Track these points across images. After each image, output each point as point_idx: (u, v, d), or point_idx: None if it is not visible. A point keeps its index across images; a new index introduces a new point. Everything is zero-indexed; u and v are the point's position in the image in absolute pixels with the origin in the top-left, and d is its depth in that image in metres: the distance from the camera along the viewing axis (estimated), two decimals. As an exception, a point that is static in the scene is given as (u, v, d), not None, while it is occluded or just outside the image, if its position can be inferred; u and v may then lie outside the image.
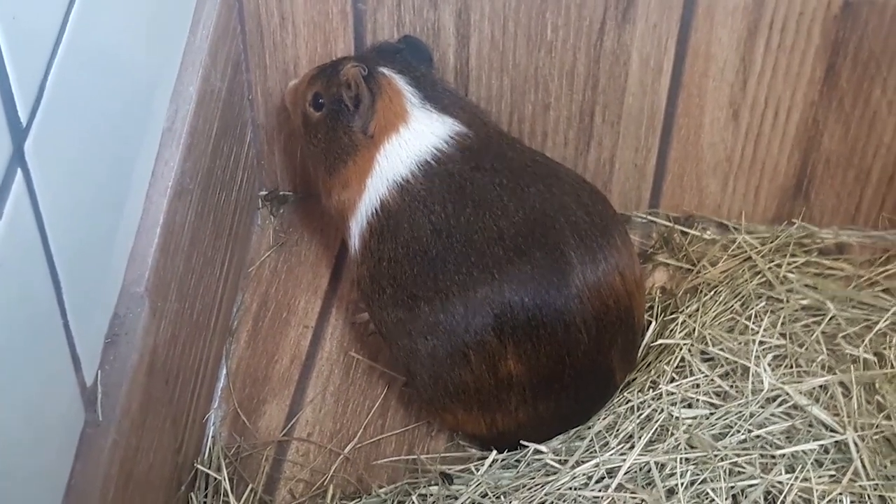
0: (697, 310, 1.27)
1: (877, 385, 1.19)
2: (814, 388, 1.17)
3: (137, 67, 1.04)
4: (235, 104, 1.30)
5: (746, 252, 1.36)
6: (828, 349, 1.22)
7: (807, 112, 1.31)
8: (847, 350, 1.22)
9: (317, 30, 1.30)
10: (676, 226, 1.40)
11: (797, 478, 1.10)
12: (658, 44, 1.27)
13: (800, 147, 1.34)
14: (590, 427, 1.18)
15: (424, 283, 1.13)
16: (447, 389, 1.15)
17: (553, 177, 1.16)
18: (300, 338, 1.33)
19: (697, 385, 1.19)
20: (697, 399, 1.17)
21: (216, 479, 1.19)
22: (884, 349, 1.24)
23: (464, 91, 1.32)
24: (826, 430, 1.14)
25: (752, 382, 1.17)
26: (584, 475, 1.13)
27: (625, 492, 1.11)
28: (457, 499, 1.15)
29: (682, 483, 1.11)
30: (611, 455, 1.14)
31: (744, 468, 1.12)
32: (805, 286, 1.30)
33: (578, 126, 1.35)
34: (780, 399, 1.16)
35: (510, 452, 1.19)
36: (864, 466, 1.11)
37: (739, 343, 1.21)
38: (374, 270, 1.17)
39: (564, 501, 1.11)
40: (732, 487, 1.11)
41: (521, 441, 1.17)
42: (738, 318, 1.25)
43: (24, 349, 0.81)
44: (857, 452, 1.12)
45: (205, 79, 1.17)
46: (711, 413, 1.16)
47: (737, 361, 1.20)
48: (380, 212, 1.17)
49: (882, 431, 1.14)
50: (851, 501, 1.09)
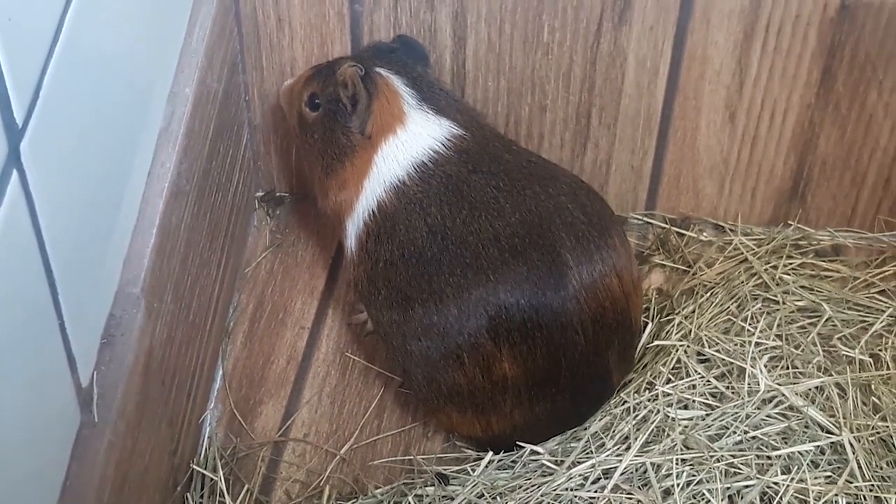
0: (694, 311, 1.27)
1: (872, 386, 1.19)
2: (810, 390, 1.17)
3: (134, 69, 1.04)
4: (232, 105, 1.30)
5: (743, 254, 1.36)
6: (824, 351, 1.23)
7: (803, 115, 1.31)
8: (843, 351, 1.23)
9: (313, 31, 1.30)
10: (673, 227, 1.40)
11: (793, 479, 1.10)
12: (654, 46, 1.28)
13: (796, 149, 1.34)
14: (586, 428, 1.18)
15: (419, 285, 1.13)
16: (441, 391, 1.15)
17: (550, 178, 1.16)
18: (296, 339, 1.33)
19: (694, 386, 1.19)
20: (693, 400, 1.18)
21: (212, 480, 1.19)
22: (879, 351, 1.25)
23: (460, 93, 1.32)
24: (822, 432, 1.14)
25: (749, 384, 1.17)
26: (581, 476, 1.13)
27: (621, 493, 1.11)
28: (453, 499, 1.15)
29: (679, 484, 1.11)
30: (607, 456, 1.14)
31: (740, 469, 1.12)
32: (801, 288, 1.30)
33: (575, 128, 1.35)
34: (777, 400, 1.16)
35: (506, 453, 1.19)
36: (860, 467, 1.11)
37: (735, 344, 1.22)
38: (371, 272, 1.17)
39: (560, 502, 1.11)
40: (728, 488, 1.11)
41: (518, 442, 1.17)
42: (735, 320, 1.26)
43: (20, 350, 0.81)
44: (853, 453, 1.12)
45: (201, 80, 1.17)
46: (707, 414, 1.16)
47: (733, 363, 1.20)
48: (377, 213, 1.17)
49: (878, 433, 1.15)
50: (847, 502, 1.10)
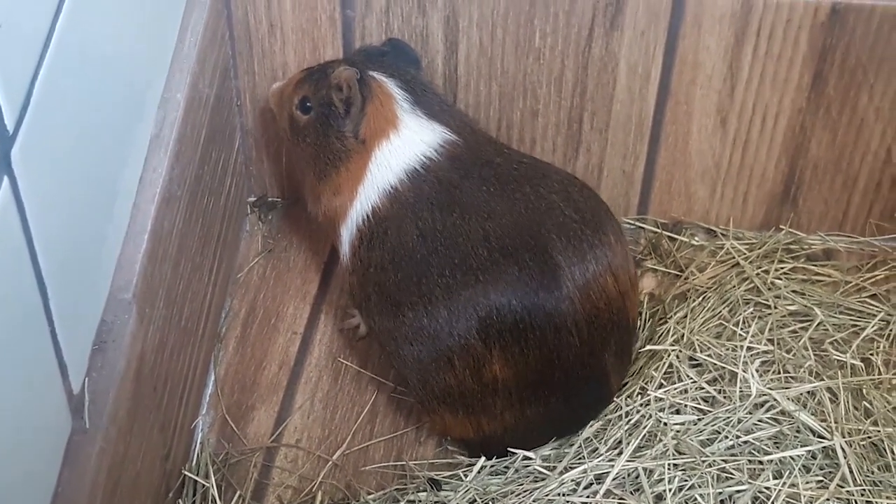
0: (685, 316, 1.27)
1: (864, 391, 1.19)
2: (801, 394, 1.18)
3: (125, 74, 1.04)
4: (224, 110, 1.30)
5: (734, 258, 1.36)
6: (815, 355, 1.23)
7: (794, 119, 1.32)
8: (834, 356, 1.23)
9: (305, 36, 1.30)
10: (664, 232, 1.41)
11: (785, 483, 1.10)
12: (646, 51, 1.28)
13: (787, 154, 1.35)
14: (578, 433, 1.18)
15: (408, 289, 1.13)
16: (434, 393, 1.15)
17: (541, 177, 1.16)
18: (289, 344, 1.33)
19: (685, 391, 1.19)
20: (685, 405, 1.18)
21: (204, 486, 1.19)
22: (871, 355, 1.25)
23: (452, 97, 1.32)
24: (813, 436, 1.15)
25: (740, 388, 1.17)
26: (573, 481, 1.13)
27: (613, 498, 1.11)
28: (445, 505, 1.15)
29: (671, 489, 1.11)
30: (599, 461, 1.14)
31: (732, 474, 1.12)
32: (793, 292, 1.30)
33: (567, 133, 1.35)
34: (768, 405, 1.17)
35: (499, 459, 1.19)
36: (852, 472, 1.11)
37: (727, 349, 1.22)
38: (362, 278, 1.17)
39: (553, 508, 1.12)
40: (720, 493, 1.11)
41: (510, 448, 1.17)
42: (726, 324, 1.26)
43: (11, 356, 0.81)
44: (845, 458, 1.12)
45: (193, 85, 1.16)
46: (699, 419, 1.16)
47: (725, 367, 1.20)
48: (370, 218, 1.16)
49: (869, 437, 1.15)
50: (839, 507, 1.10)
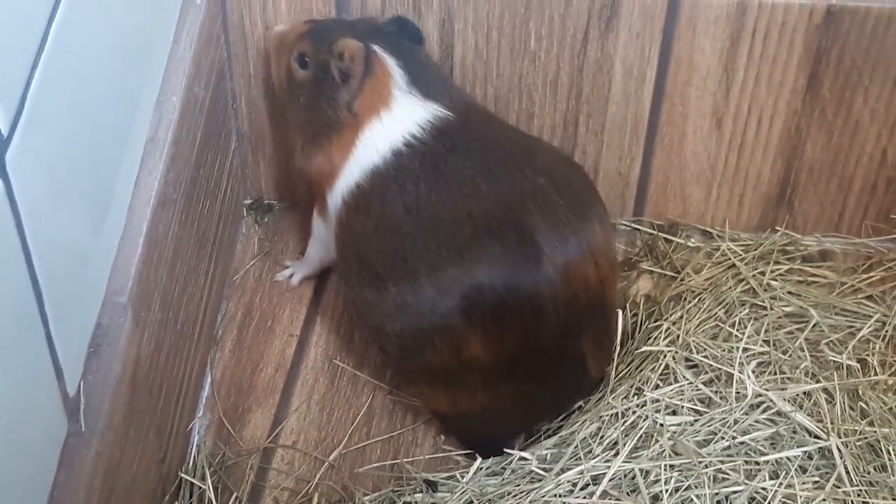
0: (682, 317, 1.27)
1: (860, 391, 1.19)
2: (797, 395, 1.18)
3: (120, 77, 1.04)
4: (219, 113, 1.30)
5: (730, 259, 1.36)
6: (811, 356, 1.23)
7: (789, 121, 1.32)
8: (830, 357, 1.23)
9: (301, 39, 1.30)
10: (660, 233, 1.41)
11: (781, 484, 1.11)
12: (641, 53, 1.28)
13: (783, 155, 1.35)
14: (574, 434, 1.18)
15: (392, 264, 1.12)
16: (413, 367, 1.15)
17: (530, 157, 1.15)
18: (285, 346, 1.33)
19: (682, 392, 1.19)
20: (682, 406, 1.18)
21: (201, 489, 1.19)
22: (867, 356, 1.25)
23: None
24: (810, 437, 1.15)
25: (737, 389, 1.17)
26: (569, 482, 1.13)
27: (610, 499, 1.11)
28: (442, 507, 1.15)
29: (667, 490, 1.11)
30: (595, 462, 1.14)
31: (728, 475, 1.12)
32: (788, 293, 1.30)
33: (562, 135, 1.35)
34: (764, 406, 1.17)
35: (495, 459, 1.19)
36: (848, 472, 1.11)
37: (723, 350, 1.22)
38: (345, 248, 1.17)
39: (549, 509, 1.12)
40: (717, 494, 1.11)
41: (499, 437, 1.17)
42: (722, 326, 1.26)
43: (6, 359, 0.81)
44: (841, 459, 1.12)
45: (188, 88, 1.17)
46: (696, 420, 1.16)
47: (721, 368, 1.20)
48: (355, 190, 1.16)
49: (865, 438, 1.15)
50: (835, 508, 1.10)
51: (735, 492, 1.11)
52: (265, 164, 1.42)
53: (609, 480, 1.12)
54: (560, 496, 1.12)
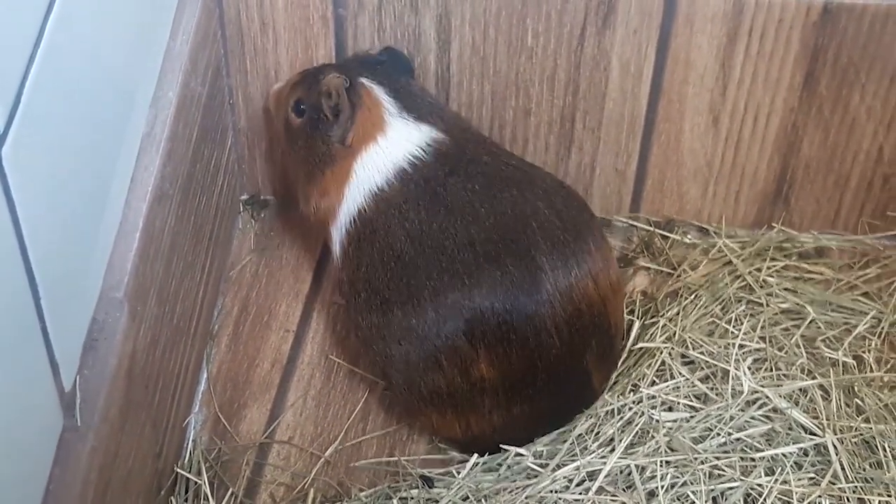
0: (678, 313, 1.28)
1: (856, 388, 1.20)
2: (793, 392, 1.18)
3: (117, 73, 1.04)
4: (216, 109, 1.30)
5: (727, 256, 1.36)
6: (807, 352, 1.23)
7: (786, 118, 1.32)
8: (826, 353, 1.23)
9: (297, 35, 1.30)
10: (657, 230, 1.41)
11: (777, 480, 1.11)
12: (638, 50, 1.28)
13: (779, 152, 1.35)
14: (571, 430, 1.19)
15: (398, 289, 1.14)
16: (421, 394, 1.15)
17: (527, 181, 1.17)
18: (281, 342, 1.33)
19: (678, 388, 1.19)
20: (678, 402, 1.18)
21: (196, 484, 1.19)
22: (863, 352, 1.25)
23: (444, 97, 1.32)
24: (805, 433, 1.15)
25: (732, 386, 1.18)
26: (565, 478, 1.14)
27: (605, 495, 1.12)
28: (437, 502, 1.15)
29: (663, 486, 1.11)
30: (591, 458, 1.14)
31: (724, 471, 1.12)
32: (785, 290, 1.30)
33: (559, 131, 1.35)
34: (760, 402, 1.17)
35: (491, 455, 1.19)
36: (844, 469, 1.11)
37: (719, 346, 1.22)
38: (353, 276, 1.18)
39: (545, 505, 1.12)
40: (712, 490, 1.11)
41: (501, 444, 1.17)
42: (719, 322, 1.26)
43: (2, 354, 0.81)
44: (837, 455, 1.12)
45: (185, 84, 1.16)
46: (692, 416, 1.17)
47: (717, 365, 1.20)
48: (357, 219, 1.18)
49: (861, 434, 1.15)
50: (830, 504, 1.10)
51: (731, 488, 1.11)
52: (262, 160, 1.42)
53: (605, 476, 1.12)
54: (556, 492, 1.12)
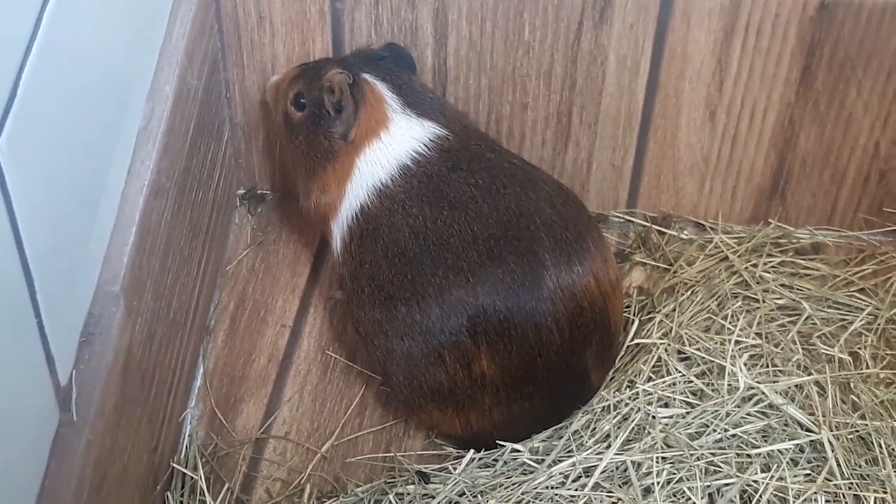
0: (674, 309, 1.28)
1: (852, 384, 1.20)
2: (789, 388, 1.18)
3: (113, 66, 1.03)
4: (213, 103, 1.30)
5: (723, 252, 1.36)
6: (803, 349, 1.23)
7: (783, 113, 1.32)
8: (822, 350, 1.23)
9: (294, 29, 1.30)
10: (653, 226, 1.41)
11: (773, 477, 1.11)
12: (635, 45, 1.28)
13: (776, 148, 1.35)
14: (567, 426, 1.19)
15: (402, 285, 1.14)
16: (422, 390, 1.15)
17: (529, 181, 1.17)
18: (278, 337, 1.33)
19: (674, 384, 1.19)
20: (674, 398, 1.18)
21: (192, 479, 1.19)
22: (858, 349, 1.25)
23: (441, 91, 1.32)
24: (801, 430, 1.15)
25: (729, 382, 1.18)
26: (561, 474, 1.14)
27: (601, 491, 1.12)
28: (434, 497, 1.15)
29: (659, 482, 1.11)
30: (588, 454, 1.14)
31: (720, 467, 1.12)
32: (781, 286, 1.30)
33: (556, 126, 1.35)
34: (756, 398, 1.17)
35: (487, 451, 1.19)
36: (839, 465, 1.11)
37: (716, 343, 1.22)
38: (355, 272, 1.18)
39: (541, 500, 1.12)
40: (708, 486, 1.11)
41: (498, 440, 1.17)
42: (715, 318, 1.26)
43: (-2, 348, 0.81)
44: (832, 451, 1.12)
45: (181, 77, 1.16)
46: (688, 412, 1.17)
47: (713, 361, 1.20)
48: (359, 216, 1.17)
49: (857, 431, 1.15)
50: (826, 500, 1.10)
51: (726, 484, 1.11)
52: (258, 154, 1.42)
53: (601, 472, 1.12)
54: (552, 488, 1.12)
